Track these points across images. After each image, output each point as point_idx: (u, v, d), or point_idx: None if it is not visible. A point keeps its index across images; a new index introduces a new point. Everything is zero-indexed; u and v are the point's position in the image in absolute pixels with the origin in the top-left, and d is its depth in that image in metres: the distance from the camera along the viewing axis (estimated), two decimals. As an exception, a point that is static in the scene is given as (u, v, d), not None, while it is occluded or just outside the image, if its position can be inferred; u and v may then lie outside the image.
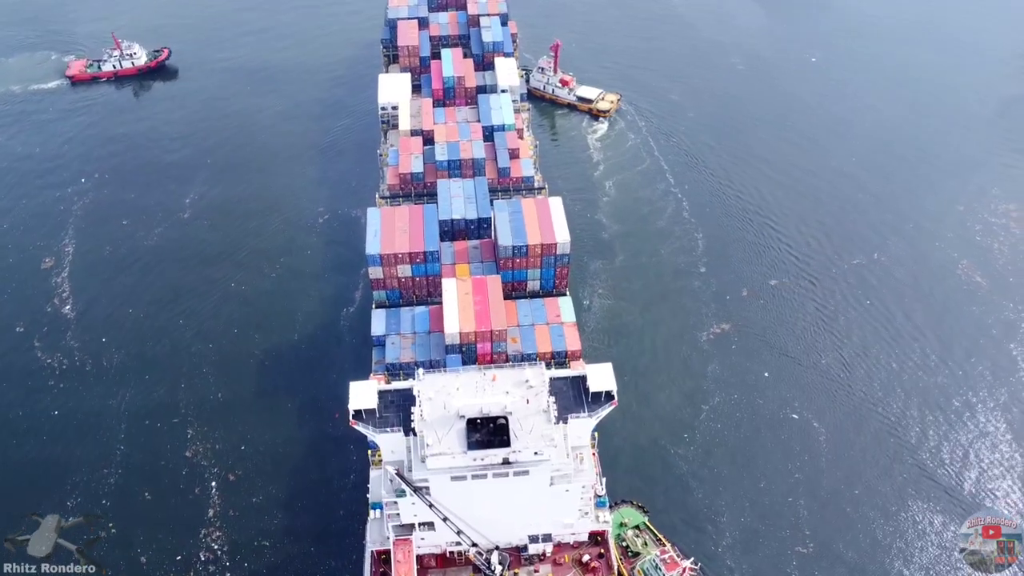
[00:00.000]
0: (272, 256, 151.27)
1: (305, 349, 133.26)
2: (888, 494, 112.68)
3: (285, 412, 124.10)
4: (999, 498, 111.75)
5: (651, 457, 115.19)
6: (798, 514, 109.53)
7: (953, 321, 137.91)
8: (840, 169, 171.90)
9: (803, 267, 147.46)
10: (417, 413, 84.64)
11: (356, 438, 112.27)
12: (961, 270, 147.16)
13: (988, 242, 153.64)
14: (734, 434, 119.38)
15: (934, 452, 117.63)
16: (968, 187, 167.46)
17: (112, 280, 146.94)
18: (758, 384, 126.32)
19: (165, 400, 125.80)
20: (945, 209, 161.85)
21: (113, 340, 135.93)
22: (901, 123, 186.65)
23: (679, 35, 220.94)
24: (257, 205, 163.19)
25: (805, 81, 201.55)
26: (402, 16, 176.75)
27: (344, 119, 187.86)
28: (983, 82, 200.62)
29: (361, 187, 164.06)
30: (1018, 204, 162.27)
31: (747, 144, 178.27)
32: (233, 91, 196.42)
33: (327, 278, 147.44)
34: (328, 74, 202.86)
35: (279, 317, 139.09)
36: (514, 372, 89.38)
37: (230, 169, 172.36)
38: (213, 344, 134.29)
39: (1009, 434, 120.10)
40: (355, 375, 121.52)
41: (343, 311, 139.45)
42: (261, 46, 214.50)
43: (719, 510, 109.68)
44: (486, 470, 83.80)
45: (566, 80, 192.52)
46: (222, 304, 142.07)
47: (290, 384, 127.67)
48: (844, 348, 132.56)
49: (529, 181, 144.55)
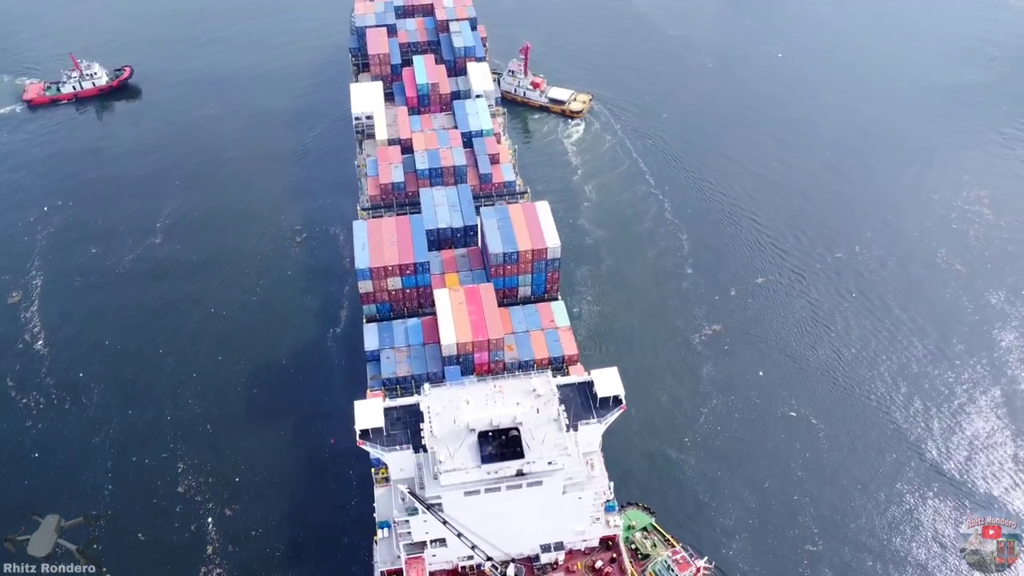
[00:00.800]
0: (251, 278, 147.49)
1: (294, 372, 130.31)
2: (890, 487, 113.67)
3: (278, 439, 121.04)
4: (995, 482, 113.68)
5: (653, 463, 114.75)
6: (804, 512, 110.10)
7: (937, 309, 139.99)
8: (816, 163, 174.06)
9: (787, 263, 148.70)
10: (427, 429, 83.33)
11: (355, 459, 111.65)
12: (940, 259, 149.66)
13: (964, 229, 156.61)
14: (734, 435, 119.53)
15: (930, 441, 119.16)
16: (939, 175, 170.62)
17: (85, 311, 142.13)
18: (754, 383, 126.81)
19: (151, 434, 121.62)
20: (920, 198, 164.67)
21: (91, 374, 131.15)
22: (868, 115, 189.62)
23: (645, 35, 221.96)
24: (232, 226, 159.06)
25: (773, 77, 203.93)
26: (370, 24, 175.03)
27: (314, 129, 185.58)
28: (937, 71, 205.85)
29: (337, 201, 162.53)
30: (990, 191, 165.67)
31: (723, 142, 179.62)
32: (199, 107, 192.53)
33: (310, 298, 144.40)
34: (295, 84, 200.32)
35: (263, 341, 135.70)
36: (521, 382, 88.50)
37: (201, 189, 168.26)
38: (197, 373, 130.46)
39: (1002, 419, 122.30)
40: (348, 396, 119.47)
41: (330, 331, 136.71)
42: (224, 57, 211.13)
43: (726, 512, 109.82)
44: (500, 483, 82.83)
45: (537, 82, 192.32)
46: (203, 330, 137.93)
47: (281, 410, 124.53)
48: (834, 342, 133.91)
49: (511, 186, 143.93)
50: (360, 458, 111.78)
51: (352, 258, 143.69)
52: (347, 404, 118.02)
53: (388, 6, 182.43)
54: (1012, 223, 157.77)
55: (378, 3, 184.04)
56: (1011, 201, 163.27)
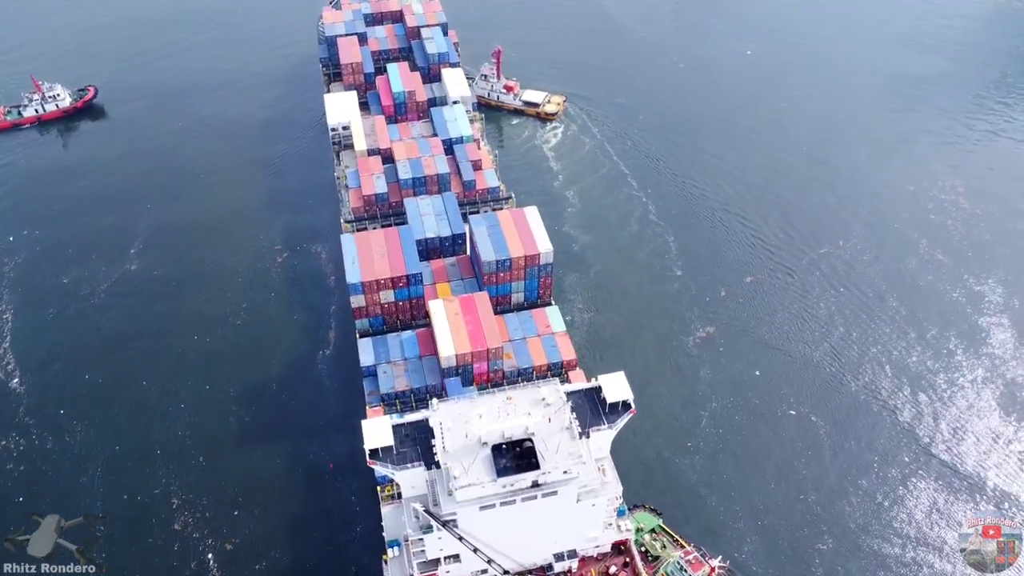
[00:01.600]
0: (233, 300, 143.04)
1: (285, 397, 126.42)
2: (892, 480, 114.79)
3: (274, 467, 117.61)
4: (995, 468, 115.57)
5: (658, 469, 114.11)
6: (812, 511, 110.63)
7: (925, 299, 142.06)
8: (794, 158, 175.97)
9: (774, 260, 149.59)
10: (439, 445, 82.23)
11: (356, 482, 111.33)
12: (922, 249, 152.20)
13: (942, 220, 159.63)
14: (736, 437, 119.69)
15: (927, 431, 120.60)
16: (914, 166, 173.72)
17: (61, 343, 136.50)
18: (751, 383, 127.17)
19: (141, 471, 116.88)
20: (897, 190, 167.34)
21: (72, 411, 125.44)
22: (839, 109, 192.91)
23: (615, 37, 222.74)
24: (209, 246, 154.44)
25: (744, 75, 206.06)
26: (340, 33, 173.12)
27: (286, 141, 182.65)
28: (902, 62, 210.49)
29: (316, 216, 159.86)
30: (962, 179, 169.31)
31: (701, 141, 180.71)
32: (167, 124, 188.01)
33: (296, 318, 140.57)
34: (263, 95, 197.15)
35: (251, 365, 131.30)
36: (529, 391, 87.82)
37: (174, 210, 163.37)
38: (184, 403, 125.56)
39: (996, 406, 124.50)
40: (342, 417, 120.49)
41: (319, 352, 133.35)
42: (190, 70, 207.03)
43: (735, 515, 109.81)
44: (516, 495, 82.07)
45: (510, 86, 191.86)
46: (187, 358, 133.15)
47: (275, 436, 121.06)
48: (826, 337, 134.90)
49: (495, 192, 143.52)
50: (361, 481, 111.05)
51: (336, 276, 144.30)
52: (342, 425, 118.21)
53: (357, 14, 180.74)
54: (987, 211, 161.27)
55: (346, 11, 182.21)
56: (984, 189, 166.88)
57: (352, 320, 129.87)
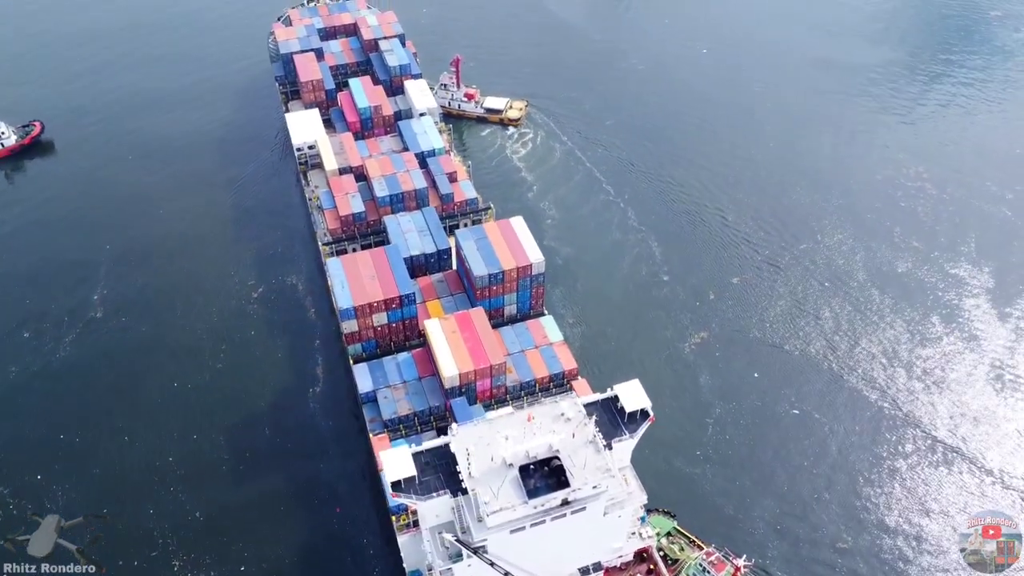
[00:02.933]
0: (212, 344, 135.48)
1: (280, 441, 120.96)
2: (904, 472, 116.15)
3: (278, 517, 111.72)
4: (995, 446, 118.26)
5: (671, 481, 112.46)
6: (829, 510, 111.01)
7: (905, 287, 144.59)
8: (762, 153, 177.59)
9: (757, 258, 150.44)
10: (464, 471, 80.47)
11: (366, 523, 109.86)
12: (897, 237, 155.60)
13: (912, 206, 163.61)
14: (744, 442, 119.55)
15: (929, 416, 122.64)
16: (879, 155, 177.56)
17: (29, 406, 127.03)
18: (752, 386, 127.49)
19: (135, 535, 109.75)
20: (866, 180, 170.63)
21: (50, 476, 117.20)
22: (798, 102, 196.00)
23: (570, 42, 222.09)
24: (178, 287, 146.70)
25: (703, 73, 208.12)
26: (295, 50, 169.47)
27: (245, 167, 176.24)
28: (854, 51, 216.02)
29: (288, 246, 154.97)
30: (926, 165, 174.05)
31: (670, 143, 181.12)
32: (120, 155, 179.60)
33: (280, 357, 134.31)
34: (216, 118, 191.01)
35: (239, 411, 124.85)
36: (548, 407, 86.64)
37: (136, 250, 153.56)
38: (173, 457, 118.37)
39: (986, 383, 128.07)
40: (342, 457, 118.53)
41: (309, 391, 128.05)
42: (137, 94, 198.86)
43: (754, 522, 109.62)
44: (546, 515, 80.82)
45: (471, 93, 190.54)
46: (169, 410, 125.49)
47: (274, 484, 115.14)
48: (817, 333, 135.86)
49: (473, 203, 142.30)
50: (371, 520, 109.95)
51: (316, 308, 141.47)
52: (343, 466, 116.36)
53: (310, 29, 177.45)
54: (953, 195, 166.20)
55: (298, 27, 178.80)
56: (947, 173, 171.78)
57: (339, 353, 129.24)
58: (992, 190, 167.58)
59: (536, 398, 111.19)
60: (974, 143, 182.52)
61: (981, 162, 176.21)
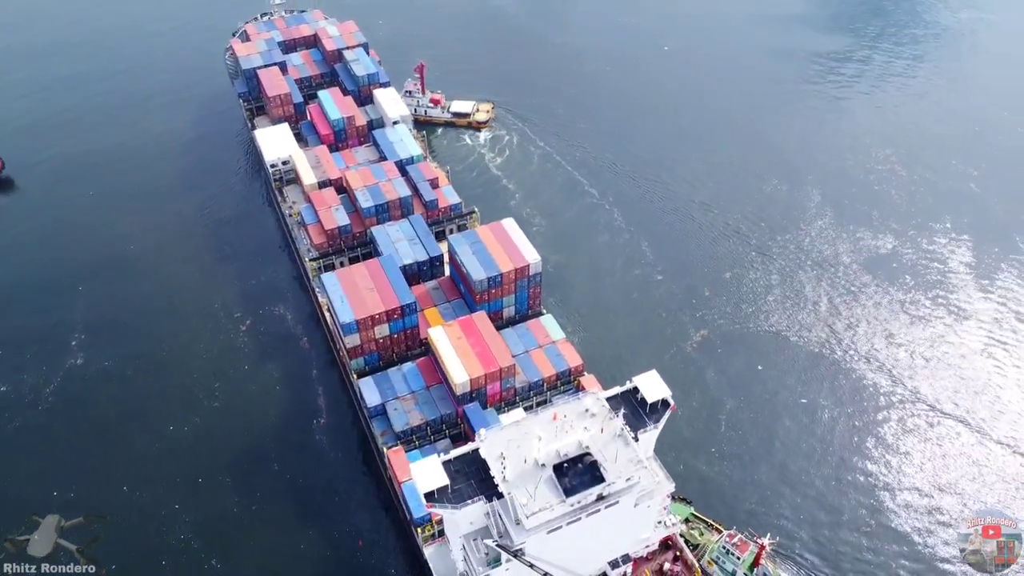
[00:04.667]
0: (205, 382, 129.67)
1: (290, 477, 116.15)
2: (913, 447, 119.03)
3: (300, 557, 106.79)
4: (1004, 427, 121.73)
5: (691, 479, 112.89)
6: (848, 496, 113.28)
7: (891, 269, 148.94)
8: (737, 148, 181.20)
9: (746, 250, 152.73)
10: (498, 475, 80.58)
11: (391, 552, 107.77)
12: (876, 220, 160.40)
13: (886, 190, 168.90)
14: (759, 436, 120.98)
15: (934, 393, 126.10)
16: (847, 141, 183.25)
17: (17, 463, 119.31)
18: (757, 379, 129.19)
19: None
20: (838, 165, 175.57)
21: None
22: (761, 92, 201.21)
23: (532, 46, 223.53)
24: (160, 324, 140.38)
25: (669, 70, 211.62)
26: (258, 65, 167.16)
27: (210, 189, 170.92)
28: (808, 41, 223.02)
29: (269, 271, 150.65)
30: (893, 147, 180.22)
31: (646, 141, 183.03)
32: (84, 190, 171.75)
33: (278, 390, 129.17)
34: (179, 140, 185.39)
35: (243, 450, 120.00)
36: (572, 405, 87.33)
37: (111, 289, 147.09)
38: (179, 503, 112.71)
39: (979, 353, 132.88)
40: (357, 488, 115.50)
41: (313, 423, 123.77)
42: (96, 126, 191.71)
43: (780, 514, 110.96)
44: (582, 512, 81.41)
45: (436, 99, 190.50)
46: (169, 454, 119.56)
47: (291, 522, 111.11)
48: (814, 321, 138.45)
49: (457, 208, 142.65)
50: (394, 546, 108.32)
51: (308, 336, 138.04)
52: (361, 496, 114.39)
53: (271, 43, 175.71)
54: (923, 175, 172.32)
55: (258, 41, 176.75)
56: (913, 154, 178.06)
57: (338, 380, 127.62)
58: (958, 168, 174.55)
59: (545, 397, 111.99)
60: (934, 123, 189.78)
61: (944, 141, 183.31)
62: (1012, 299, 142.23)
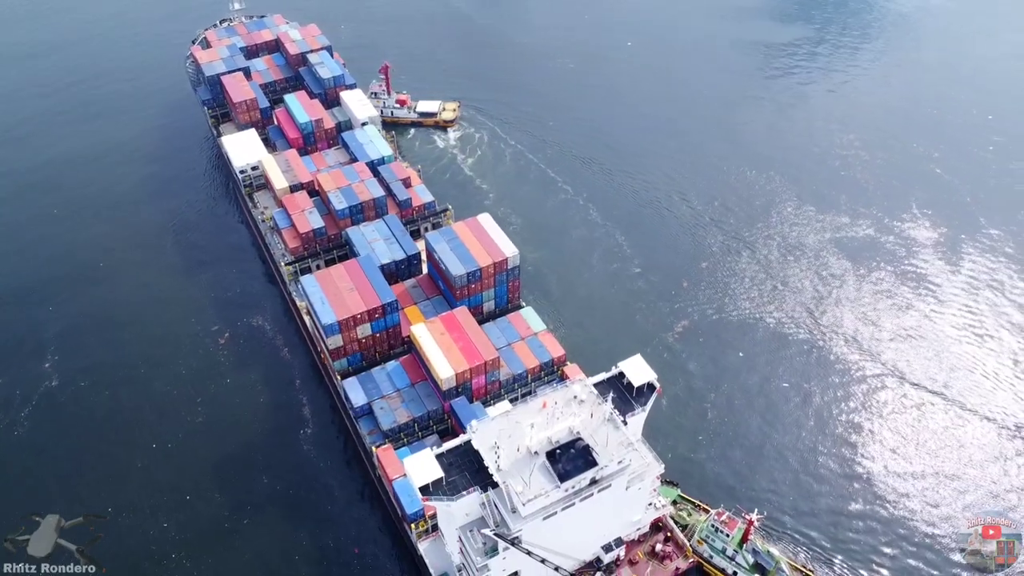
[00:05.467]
0: (186, 400, 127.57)
1: (279, 489, 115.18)
2: (894, 423, 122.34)
3: (295, 570, 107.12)
4: (978, 399, 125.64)
5: (675, 466, 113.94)
6: (834, 476, 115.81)
7: (863, 252, 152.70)
8: (707, 139, 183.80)
9: (721, 242, 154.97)
10: (492, 465, 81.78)
11: (388, 558, 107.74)
12: (845, 204, 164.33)
13: (853, 175, 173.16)
14: (746, 423, 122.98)
15: (913, 372, 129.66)
16: (812, 127, 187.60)
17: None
18: (739, 366, 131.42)
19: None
20: (805, 155, 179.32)
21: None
22: (725, 84, 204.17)
23: (494, 45, 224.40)
24: (137, 343, 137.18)
25: (633, 66, 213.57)
26: (221, 71, 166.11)
27: (177, 199, 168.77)
28: (764, 32, 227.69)
29: (245, 283, 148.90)
30: (856, 132, 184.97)
31: (617, 137, 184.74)
32: (48, 204, 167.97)
33: (262, 403, 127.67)
34: (141, 155, 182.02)
35: (231, 466, 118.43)
36: (560, 392, 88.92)
37: (83, 309, 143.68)
38: (168, 522, 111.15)
39: (954, 331, 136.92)
40: (347, 498, 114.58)
41: (300, 432, 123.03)
42: (57, 138, 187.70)
43: (766, 491, 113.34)
44: (575, 497, 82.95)
45: (402, 99, 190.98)
46: (155, 474, 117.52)
47: (286, 537, 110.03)
48: (790, 306, 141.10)
49: (431, 207, 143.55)
50: (392, 552, 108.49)
51: (289, 347, 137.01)
52: (354, 507, 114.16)
53: (232, 49, 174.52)
54: (887, 159, 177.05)
55: (219, 48, 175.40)
56: (875, 139, 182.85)
57: (328, 390, 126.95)
58: (919, 150, 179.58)
59: (530, 388, 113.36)
60: (892, 107, 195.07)
61: (903, 125, 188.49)
62: (980, 274, 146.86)
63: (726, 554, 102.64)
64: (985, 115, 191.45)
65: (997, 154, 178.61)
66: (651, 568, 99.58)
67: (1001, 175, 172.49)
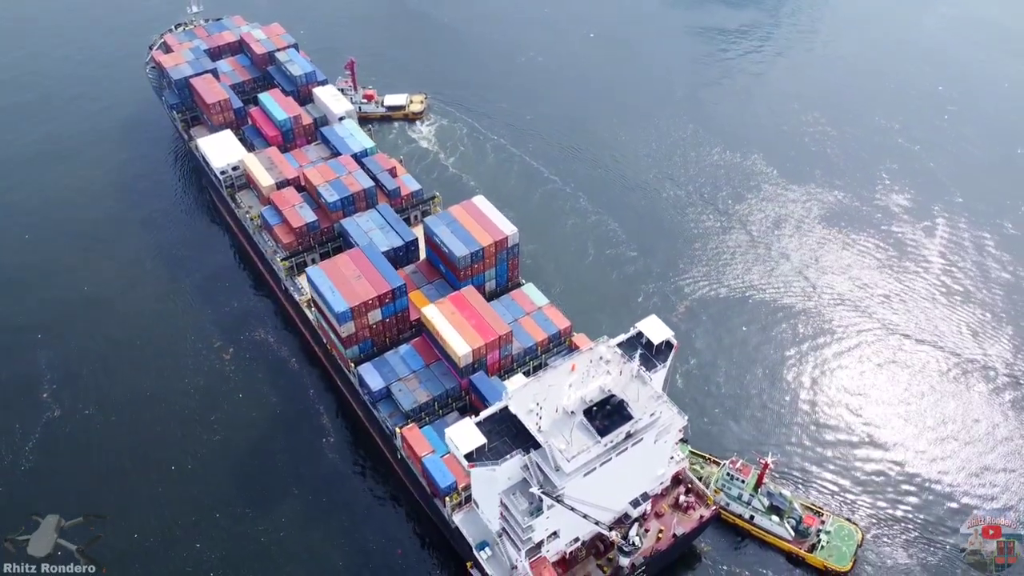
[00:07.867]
0: (200, 418, 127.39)
1: (312, 500, 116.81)
2: (891, 373, 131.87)
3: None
4: (968, 346, 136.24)
5: (703, 440, 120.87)
6: (856, 441, 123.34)
7: (848, 223, 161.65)
8: (682, 124, 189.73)
9: (713, 222, 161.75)
10: (533, 427, 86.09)
11: (433, 558, 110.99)
12: (820, 178, 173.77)
13: (822, 149, 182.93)
14: (760, 395, 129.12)
15: (904, 327, 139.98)
16: (778, 107, 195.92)
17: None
18: (745, 340, 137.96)
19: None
20: (775, 132, 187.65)
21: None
22: (688, 69, 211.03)
23: (456, 41, 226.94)
24: (138, 367, 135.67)
25: (599, 56, 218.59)
26: (188, 74, 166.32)
27: (157, 211, 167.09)
28: (714, 17, 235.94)
29: (238, 291, 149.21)
30: (820, 109, 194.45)
31: (594, 125, 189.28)
32: (18, 233, 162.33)
33: (279, 413, 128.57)
34: (111, 165, 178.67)
35: (258, 483, 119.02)
36: (586, 355, 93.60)
37: (75, 335, 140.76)
38: (202, 543, 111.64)
39: (941, 293, 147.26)
40: (380, 503, 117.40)
41: (323, 441, 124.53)
42: (17, 165, 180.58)
43: (787, 450, 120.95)
44: (613, 451, 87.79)
45: (369, 94, 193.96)
46: (180, 496, 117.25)
47: (325, 547, 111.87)
48: (785, 280, 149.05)
49: (419, 195, 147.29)
50: (438, 548, 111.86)
51: (296, 359, 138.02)
52: (392, 513, 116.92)
53: (197, 51, 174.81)
54: (853, 134, 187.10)
55: (183, 51, 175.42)
56: (839, 115, 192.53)
57: (347, 397, 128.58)
58: (882, 123, 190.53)
59: (540, 361, 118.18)
60: (851, 83, 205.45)
61: (863, 99, 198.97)
62: (951, 237, 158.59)
63: (742, 499, 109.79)
64: (935, 85, 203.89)
65: (952, 122, 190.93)
66: (677, 518, 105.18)
67: (958, 140, 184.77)
